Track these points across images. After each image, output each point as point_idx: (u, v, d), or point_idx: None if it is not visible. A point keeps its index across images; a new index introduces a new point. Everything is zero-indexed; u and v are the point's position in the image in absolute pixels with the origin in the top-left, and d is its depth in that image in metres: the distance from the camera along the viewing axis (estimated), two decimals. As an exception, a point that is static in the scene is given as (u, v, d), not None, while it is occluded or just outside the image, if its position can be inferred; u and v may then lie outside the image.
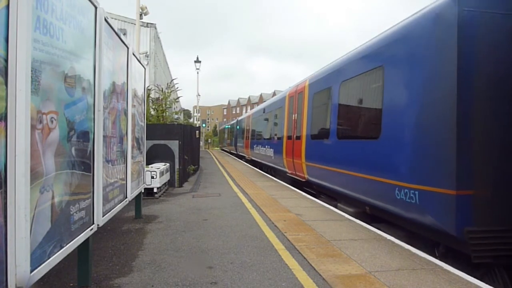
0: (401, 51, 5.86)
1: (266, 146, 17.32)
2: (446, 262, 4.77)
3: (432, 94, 5.10)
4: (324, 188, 9.58)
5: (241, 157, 29.77)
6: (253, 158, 22.01)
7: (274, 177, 15.37)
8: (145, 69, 7.35)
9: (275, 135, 15.45)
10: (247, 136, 24.69)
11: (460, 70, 4.68)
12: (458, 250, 4.83)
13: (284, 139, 13.46)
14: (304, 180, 10.79)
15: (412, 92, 5.50)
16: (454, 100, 4.71)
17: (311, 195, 10.64)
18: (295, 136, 11.99)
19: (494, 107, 4.71)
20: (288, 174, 12.66)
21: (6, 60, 2.20)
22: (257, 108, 24.40)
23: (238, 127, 30.85)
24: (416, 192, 5.19)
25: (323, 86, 9.61)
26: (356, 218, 7.30)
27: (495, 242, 4.46)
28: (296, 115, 12.06)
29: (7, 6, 2.21)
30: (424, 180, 5.06)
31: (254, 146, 21.06)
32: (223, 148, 49.70)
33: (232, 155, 36.08)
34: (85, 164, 3.55)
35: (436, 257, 4.99)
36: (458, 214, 4.59)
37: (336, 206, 8.65)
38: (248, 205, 8.70)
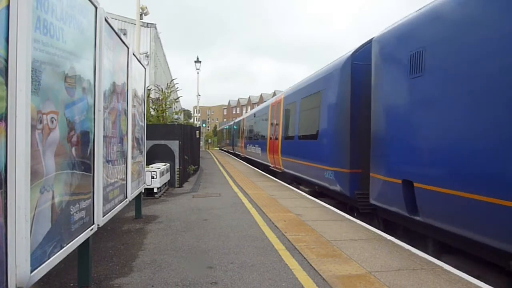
0: (328, 83, 9.27)
1: (256, 145, 20.63)
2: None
3: (338, 111, 8.50)
4: (293, 176, 12.73)
5: (237, 155, 32.79)
6: (247, 156, 25.35)
7: (274, 176, 15.38)
8: (145, 69, 7.35)
9: (262, 136, 18.75)
10: (241, 137, 28.20)
11: (351, 96, 8.08)
12: (356, 207, 8.03)
13: (268, 139, 16.70)
14: (281, 171, 13.82)
15: (330, 110, 8.95)
16: (348, 115, 8.08)
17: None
18: (274, 137, 15.29)
19: (365, 121, 7.26)
20: (271, 167, 16.04)
21: (6, 60, 2.20)
22: (249, 112, 28.77)
23: (235, 127, 34.45)
24: (332, 172, 8.68)
25: (291, 100, 12.99)
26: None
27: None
28: (275, 120, 15.48)
29: (7, 6, 2.21)
30: (335, 164, 8.54)
31: (247, 145, 24.64)
32: (222, 148, 52.71)
33: (230, 153, 38.83)
34: (85, 164, 3.55)
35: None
36: (351, 183, 7.97)
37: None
38: (248, 205, 8.70)
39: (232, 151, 36.80)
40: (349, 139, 8.06)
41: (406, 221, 5.95)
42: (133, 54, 5.96)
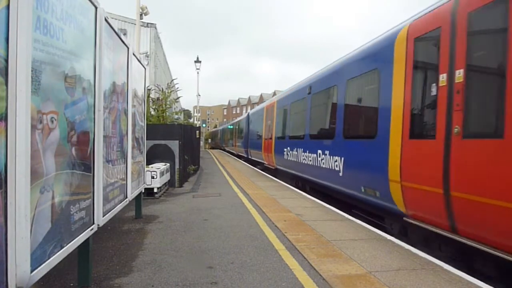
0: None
1: (250, 145, 23.34)
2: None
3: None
4: (286, 172, 14.39)
5: (231, 153, 37.97)
6: (239, 154, 30.70)
7: (275, 176, 15.38)
8: (145, 69, 7.35)
9: (257, 137, 20.78)
10: (235, 137, 33.22)
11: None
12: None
13: (263, 139, 18.70)
14: (273, 168, 16.33)
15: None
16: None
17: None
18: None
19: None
20: (265, 165, 18.30)
21: (7, 60, 2.20)
22: (242, 117, 32.77)
23: (230, 127, 38.94)
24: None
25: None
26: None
27: None
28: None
29: (8, 6, 2.21)
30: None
31: (238, 144, 30.08)
32: (214, 147, 59.37)
33: (225, 151, 44.66)
34: (85, 164, 3.55)
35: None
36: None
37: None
38: (249, 205, 8.70)
39: (225, 150, 44.23)
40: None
41: None
42: (133, 54, 5.96)
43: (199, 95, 46.05)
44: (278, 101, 15.56)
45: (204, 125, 59.00)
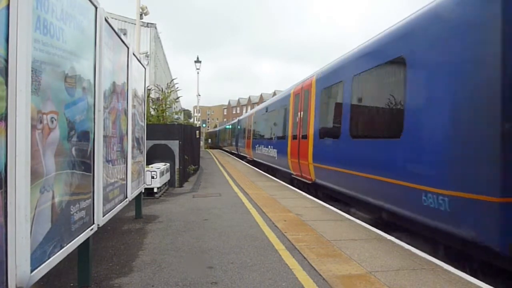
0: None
1: (239, 144, 29.61)
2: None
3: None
4: (257, 162, 19.73)
5: (226, 151, 43.79)
6: (233, 151, 35.68)
7: (275, 177, 15.38)
8: (145, 69, 7.35)
9: (243, 137, 26.38)
10: (229, 137, 39.22)
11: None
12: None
13: (246, 140, 24.29)
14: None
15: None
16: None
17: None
18: (251, 137, 22.15)
19: None
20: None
21: (7, 60, 2.20)
22: (232, 121, 40.61)
23: (227, 127, 43.92)
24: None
25: (261, 112, 18.94)
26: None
27: None
28: (251, 125, 22.48)
29: (8, 6, 2.21)
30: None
31: (233, 143, 34.64)
32: (212, 147, 62.09)
33: (221, 150, 50.14)
34: (85, 164, 3.55)
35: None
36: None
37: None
38: (249, 205, 8.70)
39: (222, 149, 49.40)
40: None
41: None
42: (133, 54, 5.96)
43: (199, 95, 46.09)
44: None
45: (204, 125, 59.05)
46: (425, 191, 4.89)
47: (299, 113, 11.63)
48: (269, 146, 16.26)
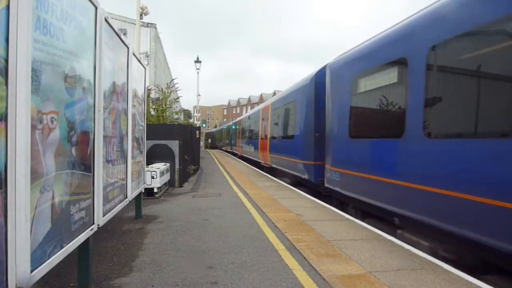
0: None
1: (232, 143, 36.68)
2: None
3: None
4: (244, 157, 24.87)
5: (222, 150, 49.70)
6: (228, 150, 42.69)
7: (275, 177, 15.39)
8: (145, 69, 7.35)
9: (235, 138, 33.34)
10: (224, 138, 47.36)
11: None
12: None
13: (237, 140, 30.91)
14: (240, 155, 23.02)
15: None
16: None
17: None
18: (240, 137, 28.33)
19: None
20: (238, 155, 25.65)
21: (6, 60, 2.20)
22: (226, 124, 49.69)
23: (224, 127, 50.41)
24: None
25: (246, 119, 23.26)
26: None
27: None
28: (240, 129, 28.63)
29: (7, 6, 2.21)
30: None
31: (227, 143, 43.41)
32: (211, 147, 65.91)
33: (217, 149, 55.56)
34: (85, 164, 3.55)
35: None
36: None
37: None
38: (248, 205, 8.70)
39: (219, 149, 55.84)
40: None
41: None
42: (133, 54, 5.96)
43: (199, 95, 46.14)
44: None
45: (204, 125, 59.10)
46: (298, 162, 11.56)
47: (263, 122, 18.73)
48: (250, 144, 23.36)
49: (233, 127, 36.22)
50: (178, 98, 20.18)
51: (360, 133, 7.52)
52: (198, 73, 38.94)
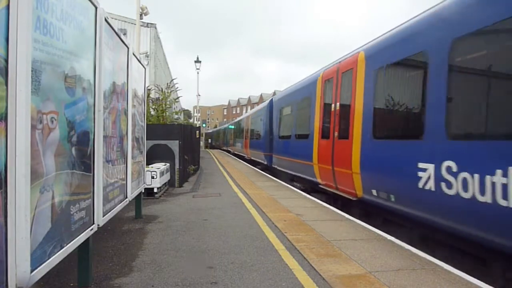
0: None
1: (226, 143, 43.74)
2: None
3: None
4: (236, 154, 33.00)
5: (219, 149, 54.97)
6: (223, 148, 48.59)
7: (274, 177, 15.40)
8: (145, 69, 7.35)
9: (229, 139, 40.02)
10: (221, 138, 54.04)
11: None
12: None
13: (230, 141, 38.54)
14: (233, 152, 28.01)
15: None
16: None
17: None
18: (233, 138, 35.59)
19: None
20: (231, 152, 34.47)
21: (6, 60, 2.20)
22: (223, 126, 57.40)
23: (222, 128, 56.07)
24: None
25: (236, 124, 33.34)
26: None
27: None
28: (232, 131, 36.86)
29: (7, 6, 2.21)
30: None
31: (223, 142, 49.30)
32: (210, 147, 70.85)
33: (217, 149, 59.22)
34: (85, 164, 3.55)
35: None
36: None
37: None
38: (248, 205, 8.71)
39: (217, 148, 61.58)
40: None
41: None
42: (133, 54, 5.96)
43: (199, 95, 46.17)
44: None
45: (204, 125, 59.15)
46: (262, 154, 18.67)
47: (246, 128, 25.54)
48: (238, 143, 30.67)
49: (230, 127, 42.90)
50: (178, 98, 20.17)
51: (285, 134, 14.13)
52: (198, 73, 39.00)
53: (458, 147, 4.69)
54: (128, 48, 5.55)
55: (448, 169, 4.71)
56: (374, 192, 6.78)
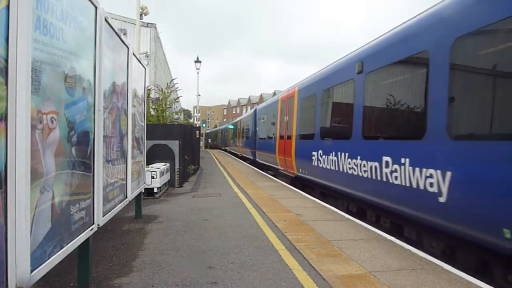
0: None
1: (223, 143, 49.19)
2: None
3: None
4: (231, 152, 37.67)
5: (218, 149, 57.13)
6: (221, 148, 52.11)
7: (274, 177, 15.40)
8: (145, 69, 7.35)
9: (226, 139, 44.59)
10: (219, 138, 58.27)
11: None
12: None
13: (227, 141, 43.95)
14: (230, 150, 34.60)
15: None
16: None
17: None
18: (230, 138, 39.65)
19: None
20: (228, 151, 39.55)
21: (7, 60, 2.20)
22: (222, 126, 61.41)
23: (221, 128, 60.08)
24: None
25: (232, 126, 37.29)
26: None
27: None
28: (229, 132, 40.56)
29: (8, 6, 2.21)
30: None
31: (221, 142, 53.98)
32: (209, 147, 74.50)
33: (216, 149, 61.30)
34: (85, 164, 3.55)
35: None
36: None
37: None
38: (249, 205, 8.71)
39: (216, 148, 65.19)
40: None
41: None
42: (133, 54, 5.96)
43: (199, 95, 46.19)
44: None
45: (204, 125, 59.17)
46: (249, 151, 23.50)
47: (239, 130, 29.87)
48: (233, 143, 35.19)
49: (229, 126, 47.13)
50: (178, 98, 20.17)
51: (262, 136, 18.58)
52: (198, 73, 39.00)
53: (324, 142, 9.50)
54: (128, 48, 5.55)
55: (320, 154, 9.57)
56: (300, 170, 11.69)
